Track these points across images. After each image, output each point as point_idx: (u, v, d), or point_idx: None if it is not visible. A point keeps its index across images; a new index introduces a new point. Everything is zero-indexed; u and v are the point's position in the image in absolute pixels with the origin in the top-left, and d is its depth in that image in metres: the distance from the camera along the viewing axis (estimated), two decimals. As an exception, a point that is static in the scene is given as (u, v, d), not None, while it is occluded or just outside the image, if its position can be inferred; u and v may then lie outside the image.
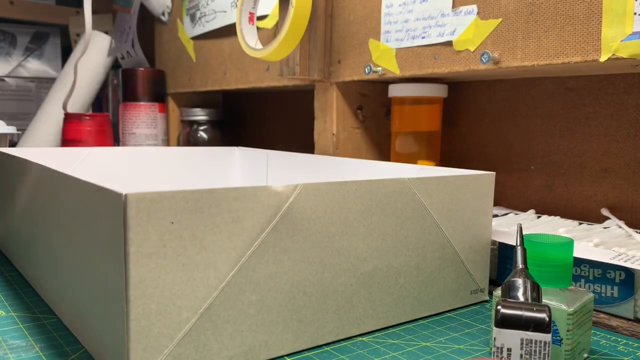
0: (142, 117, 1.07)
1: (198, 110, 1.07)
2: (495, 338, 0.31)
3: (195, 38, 0.99)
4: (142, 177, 0.73)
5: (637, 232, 0.54)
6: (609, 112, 0.61)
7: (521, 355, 0.30)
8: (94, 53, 1.15)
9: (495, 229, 0.52)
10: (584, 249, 0.46)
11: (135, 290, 0.30)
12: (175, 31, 1.05)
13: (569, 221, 0.60)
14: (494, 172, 0.48)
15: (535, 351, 0.30)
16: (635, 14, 0.45)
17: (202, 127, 1.07)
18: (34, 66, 1.39)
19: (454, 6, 0.58)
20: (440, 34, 0.59)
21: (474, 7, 0.56)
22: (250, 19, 0.71)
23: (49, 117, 1.12)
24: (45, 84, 1.40)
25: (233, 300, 0.34)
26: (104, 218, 0.32)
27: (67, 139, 0.96)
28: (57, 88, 1.15)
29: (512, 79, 0.70)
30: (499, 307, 0.31)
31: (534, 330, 0.30)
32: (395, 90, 0.69)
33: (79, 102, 1.15)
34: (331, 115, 0.74)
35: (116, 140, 1.16)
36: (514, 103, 0.70)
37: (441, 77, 0.65)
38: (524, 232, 0.36)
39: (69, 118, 0.97)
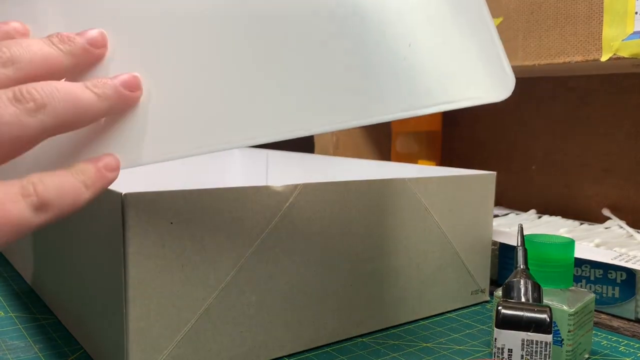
0: (142, 117, 1.06)
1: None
2: (496, 339, 0.31)
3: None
4: (142, 177, 0.73)
5: (638, 232, 0.54)
6: (610, 112, 0.61)
7: (522, 356, 0.30)
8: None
9: (496, 229, 0.52)
10: (585, 250, 0.46)
11: (135, 290, 0.30)
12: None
13: (570, 221, 0.59)
14: (495, 172, 0.48)
15: (536, 352, 0.30)
16: (636, 13, 0.45)
17: (202, 127, 1.07)
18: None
19: (454, 6, 0.58)
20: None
21: (474, 7, 0.56)
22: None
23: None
24: (46, 83, 1.39)
25: (233, 300, 0.34)
26: (103, 218, 0.32)
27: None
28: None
29: (512, 78, 0.70)
30: (499, 308, 0.31)
31: (535, 331, 0.30)
32: (395, 90, 0.69)
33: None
34: (331, 115, 0.74)
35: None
36: (515, 103, 0.70)
37: (442, 76, 0.65)
38: (524, 233, 0.36)
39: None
